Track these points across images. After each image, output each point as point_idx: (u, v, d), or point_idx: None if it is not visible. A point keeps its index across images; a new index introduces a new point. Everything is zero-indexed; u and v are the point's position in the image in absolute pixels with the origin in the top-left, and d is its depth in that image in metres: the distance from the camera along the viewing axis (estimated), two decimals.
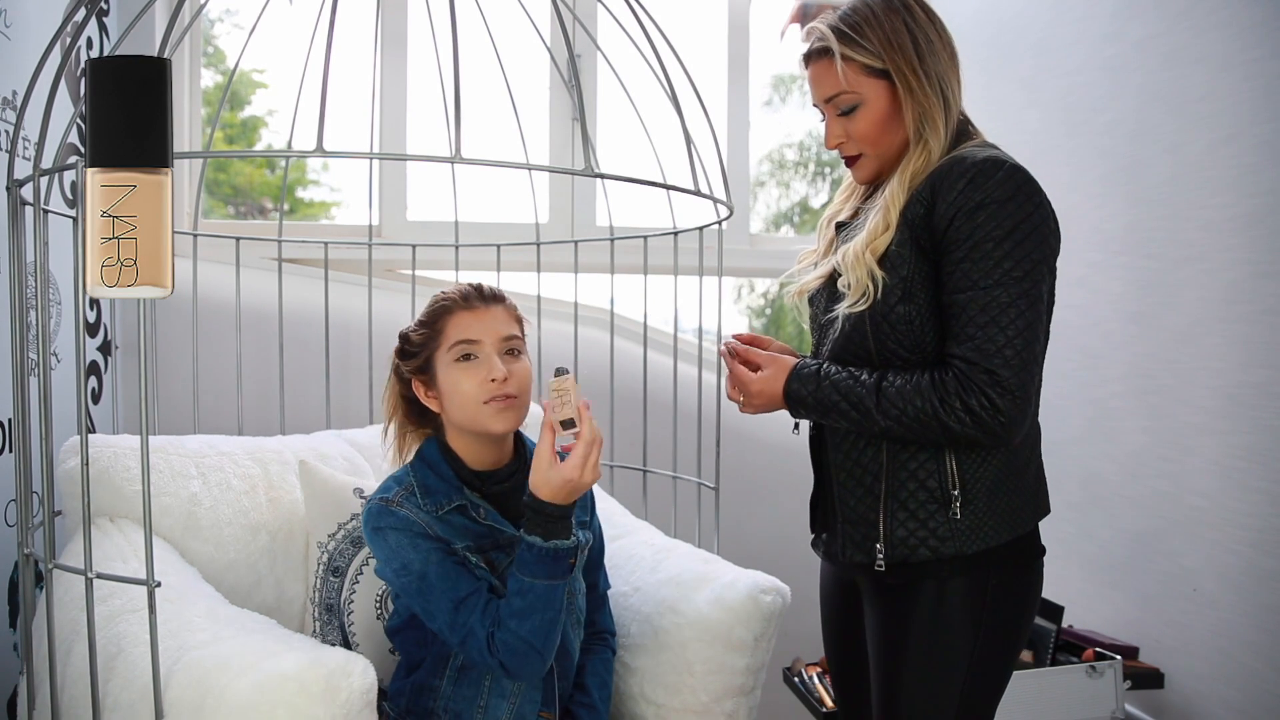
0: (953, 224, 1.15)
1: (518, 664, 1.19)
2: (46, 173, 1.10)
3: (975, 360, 1.12)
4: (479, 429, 1.28)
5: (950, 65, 1.24)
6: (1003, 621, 1.22)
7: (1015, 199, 1.14)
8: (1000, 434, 1.13)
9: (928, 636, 1.21)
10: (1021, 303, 1.12)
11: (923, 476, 1.20)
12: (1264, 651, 1.69)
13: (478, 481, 1.31)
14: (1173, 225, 1.86)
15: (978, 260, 1.13)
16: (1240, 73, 1.71)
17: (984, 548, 1.19)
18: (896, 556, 1.21)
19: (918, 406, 1.15)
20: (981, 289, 1.13)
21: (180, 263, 2.23)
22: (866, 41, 1.21)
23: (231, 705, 0.94)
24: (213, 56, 2.57)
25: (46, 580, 1.13)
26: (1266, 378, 1.68)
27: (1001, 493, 1.20)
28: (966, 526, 1.19)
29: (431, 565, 1.22)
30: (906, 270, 1.19)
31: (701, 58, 2.58)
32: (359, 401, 2.13)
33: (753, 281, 3.04)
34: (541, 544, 1.17)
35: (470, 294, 1.31)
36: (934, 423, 1.14)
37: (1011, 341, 1.12)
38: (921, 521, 1.20)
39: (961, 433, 1.14)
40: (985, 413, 1.12)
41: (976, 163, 1.16)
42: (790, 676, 2.04)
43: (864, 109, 1.24)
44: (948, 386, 1.14)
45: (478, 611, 1.20)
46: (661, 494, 2.10)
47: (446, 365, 1.28)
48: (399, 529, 1.24)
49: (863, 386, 1.19)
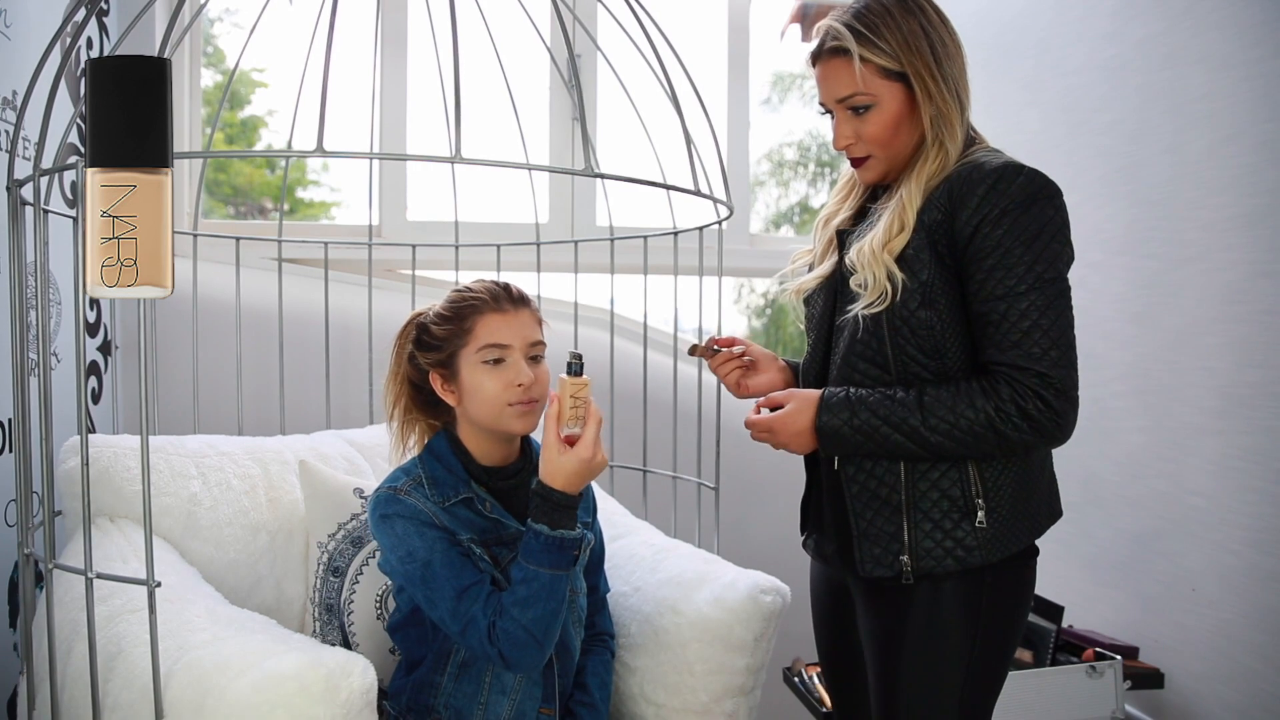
0: (978, 231, 1.15)
1: (517, 654, 1.19)
2: (46, 173, 1.10)
3: (1024, 365, 1.12)
4: (499, 429, 1.29)
5: (963, 69, 1.24)
6: (998, 622, 1.22)
7: (1038, 203, 1.14)
8: (1057, 435, 1.14)
9: (924, 639, 1.20)
10: (1059, 303, 1.14)
11: (945, 486, 1.19)
12: (1263, 652, 1.69)
13: (485, 476, 1.32)
14: (1172, 225, 1.86)
15: (1011, 267, 1.13)
16: (1240, 73, 1.71)
17: (1007, 555, 1.19)
18: (923, 569, 1.19)
19: (970, 418, 1.14)
20: (1018, 294, 1.13)
21: (180, 263, 2.23)
22: (884, 43, 1.19)
23: (231, 705, 0.94)
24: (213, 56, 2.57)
25: (46, 580, 1.13)
26: (1265, 378, 1.68)
27: (1023, 499, 1.20)
28: (993, 535, 1.18)
29: (436, 553, 1.22)
30: (926, 275, 1.17)
31: (701, 58, 2.58)
32: (359, 401, 2.13)
33: (753, 281, 3.04)
34: (548, 532, 1.18)
35: (500, 295, 1.30)
36: (989, 433, 1.14)
37: (1056, 343, 1.12)
38: (947, 532, 1.19)
39: (1018, 439, 1.14)
40: (1043, 416, 1.12)
41: (995, 169, 1.15)
42: (790, 676, 2.04)
43: (877, 110, 1.22)
44: (1001, 394, 1.13)
45: (480, 601, 1.20)
46: (661, 494, 2.10)
47: (473, 365, 1.28)
48: (406, 517, 1.24)
49: (904, 406, 1.16)
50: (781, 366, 1.43)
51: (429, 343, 1.31)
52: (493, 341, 1.27)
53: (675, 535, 1.76)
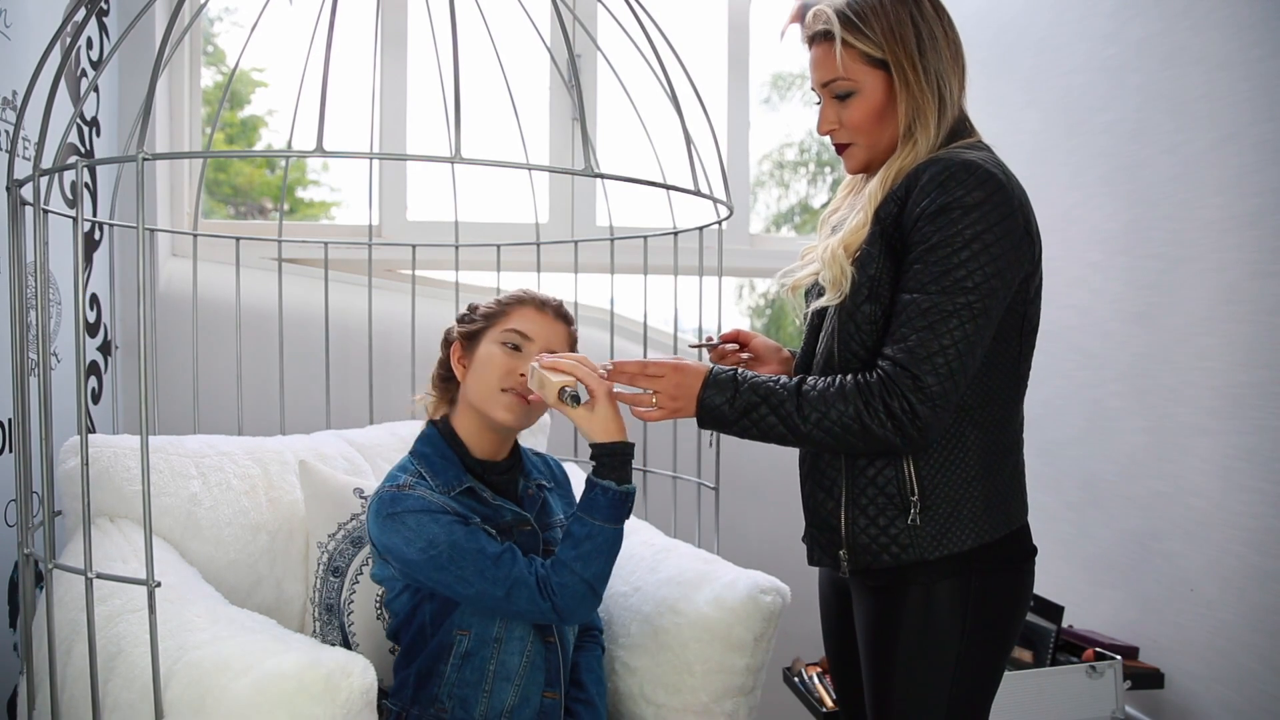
0: (915, 227, 1.13)
1: (574, 605, 1.24)
2: (46, 173, 1.10)
3: (904, 364, 1.10)
4: (484, 410, 1.33)
5: (952, 64, 1.21)
6: (990, 623, 1.21)
7: (981, 207, 1.10)
8: (915, 439, 1.11)
9: (915, 639, 1.20)
10: (964, 313, 1.09)
11: (881, 483, 1.19)
12: (1262, 652, 1.69)
13: (480, 469, 1.36)
14: (1172, 225, 1.86)
15: (930, 264, 1.11)
16: (1239, 72, 1.71)
17: (947, 554, 1.17)
18: (860, 563, 1.21)
19: (840, 410, 1.12)
20: (928, 293, 1.10)
21: (180, 263, 2.24)
22: (869, 29, 1.18)
23: (231, 705, 0.94)
24: (213, 56, 2.57)
25: (46, 580, 1.13)
26: (1265, 378, 1.68)
27: (965, 499, 1.18)
28: (928, 534, 1.17)
29: (458, 533, 1.24)
30: (874, 269, 1.16)
31: (701, 58, 2.58)
32: (359, 401, 2.13)
33: (753, 281, 3.04)
34: (616, 488, 1.23)
35: (548, 301, 1.39)
36: (856, 425, 1.11)
37: (944, 350, 1.09)
38: (882, 528, 1.19)
39: (882, 436, 1.11)
40: (905, 416, 1.10)
41: (952, 165, 1.12)
42: (790, 676, 2.04)
43: (859, 98, 1.21)
44: (872, 389, 1.11)
45: (520, 563, 1.24)
46: (661, 494, 2.10)
47: (491, 341, 1.35)
48: (417, 510, 1.26)
49: (784, 391, 1.16)
50: (785, 357, 1.44)
51: (469, 317, 1.40)
52: (519, 329, 1.35)
53: (675, 535, 1.76)
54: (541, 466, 1.50)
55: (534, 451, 1.52)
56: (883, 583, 1.22)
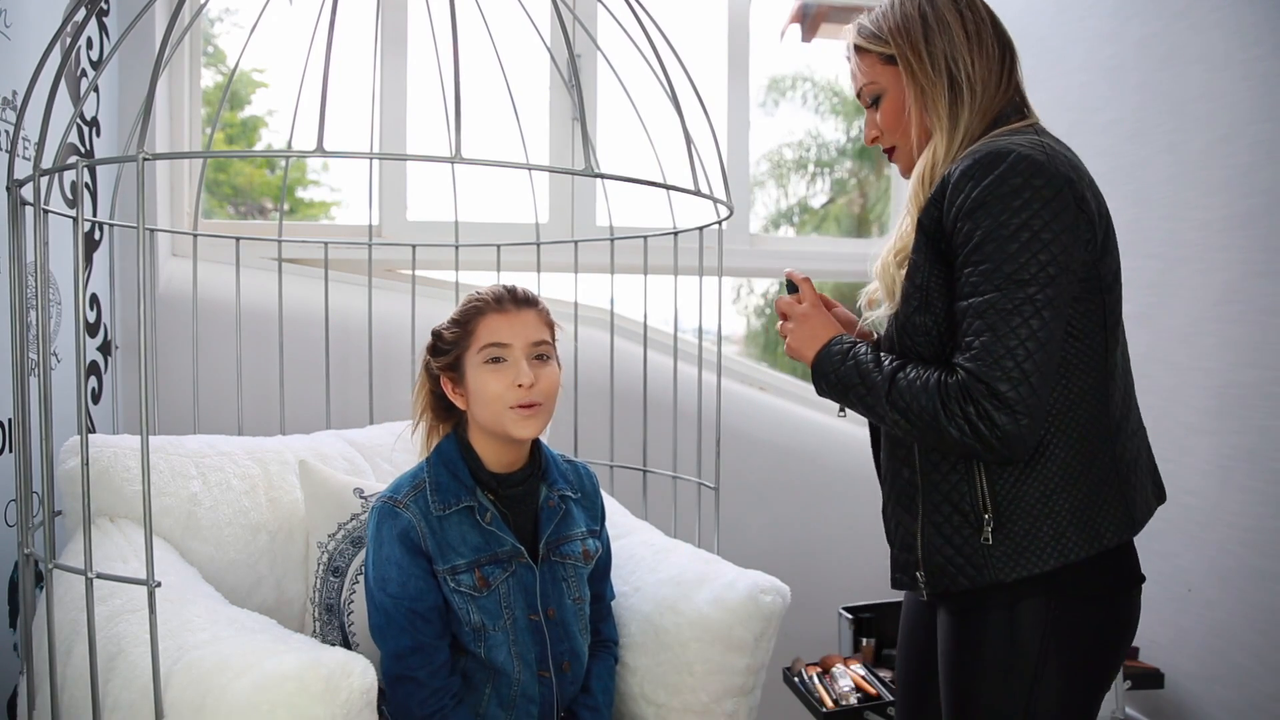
0: (956, 226, 1.06)
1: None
2: (47, 173, 1.10)
3: (975, 372, 1.02)
4: (501, 432, 1.29)
5: (971, 46, 1.14)
6: (1080, 654, 1.10)
7: (1021, 194, 1.02)
8: (1001, 451, 1.03)
9: (997, 668, 1.11)
10: (1027, 309, 1.01)
11: (955, 498, 1.11)
12: (1259, 652, 1.69)
13: (494, 483, 1.32)
14: (1172, 225, 1.86)
15: (978, 263, 1.03)
16: (1238, 72, 1.71)
17: (1027, 575, 1.08)
18: (938, 587, 1.13)
19: (922, 404, 1.06)
20: (983, 294, 1.03)
21: (180, 263, 2.24)
22: (879, 30, 1.18)
23: (231, 705, 0.94)
24: (213, 56, 2.57)
25: (46, 580, 1.13)
26: (1262, 378, 1.68)
27: (1046, 515, 1.08)
28: (1003, 553, 1.08)
29: (407, 594, 1.25)
30: (921, 278, 1.11)
31: (701, 58, 2.58)
32: (359, 401, 2.13)
33: (752, 281, 3.04)
34: None
35: (503, 296, 1.32)
36: (934, 424, 1.05)
37: (1013, 352, 1.01)
38: (957, 548, 1.11)
39: (960, 441, 1.04)
40: (983, 424, 1.02)
41: (980, 155, 1.05)
42: (790, 676, 2.04)
43: (886, 99, 1.20)
44: (949, 391, 1.04)
45: (428, 667, 1.24)
46: (661, 494, 2.10)
47: (475, 366, 1.29)
48: (396, 540, 1.26)
49: (880, 371, 1.11)
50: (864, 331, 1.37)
51: (440, 348, 1.34)
52: (492, 340, 1.28)
53: (675, 535, 1.76)
54: (571, 475, 1.44)
55: (565, 458, 1.46)
56: (964, 605, 1.14)
